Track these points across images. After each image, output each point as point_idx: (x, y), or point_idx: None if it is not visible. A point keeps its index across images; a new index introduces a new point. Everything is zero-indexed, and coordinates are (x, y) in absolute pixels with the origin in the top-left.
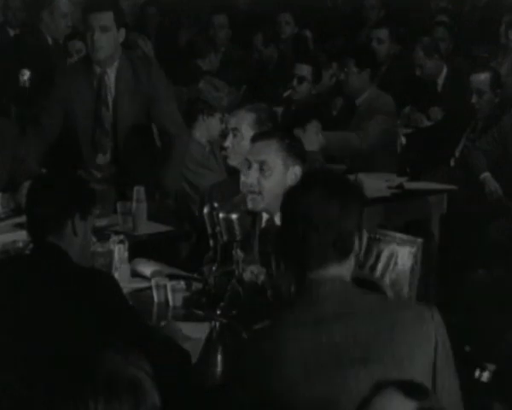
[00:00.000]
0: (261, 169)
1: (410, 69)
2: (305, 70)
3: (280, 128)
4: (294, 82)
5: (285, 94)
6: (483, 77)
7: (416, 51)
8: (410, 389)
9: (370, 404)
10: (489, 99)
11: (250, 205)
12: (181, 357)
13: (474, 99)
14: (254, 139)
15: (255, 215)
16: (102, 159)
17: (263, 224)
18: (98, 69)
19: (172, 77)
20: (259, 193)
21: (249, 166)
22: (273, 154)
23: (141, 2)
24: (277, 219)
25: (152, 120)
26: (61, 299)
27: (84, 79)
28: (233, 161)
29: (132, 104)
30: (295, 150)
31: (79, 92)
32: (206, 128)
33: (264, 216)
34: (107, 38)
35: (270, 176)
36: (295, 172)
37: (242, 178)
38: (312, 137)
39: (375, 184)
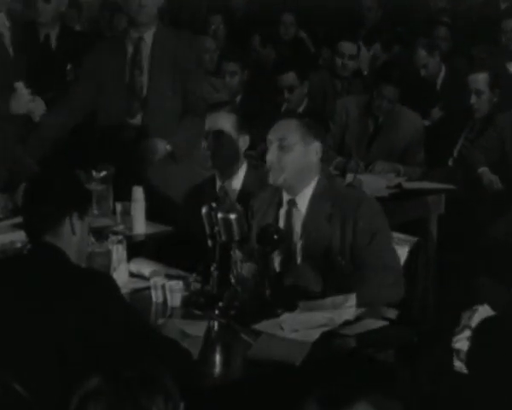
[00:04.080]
0: (281, 146)
1: (410, 70)
2: (290, 78)
3: None
4: (286, 94)
5: (282, 109)
6: (481, 77)
7: (418, 52)
8: None
9: None
10: (488, 99)
11: (270, 179)
12: (182, 356)
13: (472, 99)
14: (275, 120)
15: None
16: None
17: None
18: (135, 34)
19: None
20: (280, 168)
21: (270, 144)
22: (292, 130)
23: None
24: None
25: (182, 93)
26: (58, 299)
27: (117, 48)
28: None
29: (167, 72)
30: (314, 128)
31: (112, 60)
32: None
33: None
34: None
35: (290, 151)
36: (316, 148)
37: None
38: None
39: (374, 184)
